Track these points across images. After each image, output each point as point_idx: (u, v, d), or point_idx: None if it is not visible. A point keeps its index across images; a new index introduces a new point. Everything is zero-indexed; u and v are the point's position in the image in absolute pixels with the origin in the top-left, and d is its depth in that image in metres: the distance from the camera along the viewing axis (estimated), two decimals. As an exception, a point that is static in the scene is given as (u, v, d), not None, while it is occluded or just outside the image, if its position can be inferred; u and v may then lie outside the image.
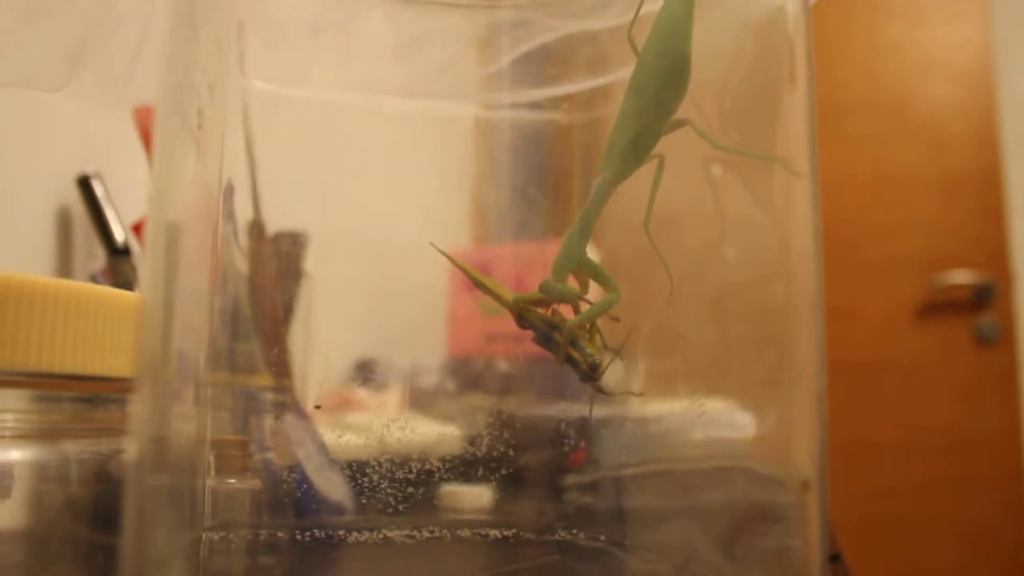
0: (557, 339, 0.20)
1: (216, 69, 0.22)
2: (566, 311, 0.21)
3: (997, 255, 1.31)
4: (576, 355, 0.20)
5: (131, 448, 0.15)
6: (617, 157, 0.20)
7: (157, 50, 0.20)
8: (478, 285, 0.22)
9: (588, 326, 0.21)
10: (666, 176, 0.21)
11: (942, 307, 1.30)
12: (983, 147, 1.32)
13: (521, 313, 0.21)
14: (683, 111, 0.20)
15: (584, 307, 0.21)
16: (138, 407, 0.15)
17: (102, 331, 0.23)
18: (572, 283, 0.21)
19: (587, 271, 0.21)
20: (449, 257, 0.23)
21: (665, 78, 0.20)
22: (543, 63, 0.27)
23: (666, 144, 0.21)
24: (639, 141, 0.20)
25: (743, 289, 0.22)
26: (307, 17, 0.27)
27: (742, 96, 0.21)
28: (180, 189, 0.19)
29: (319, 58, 0.27)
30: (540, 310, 0.21)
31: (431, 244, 0.23)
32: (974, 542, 1.24)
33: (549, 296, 0.20)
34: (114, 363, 0.23)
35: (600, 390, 0.21)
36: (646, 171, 0.21)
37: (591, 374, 0.20)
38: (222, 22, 0.23)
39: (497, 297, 0.21)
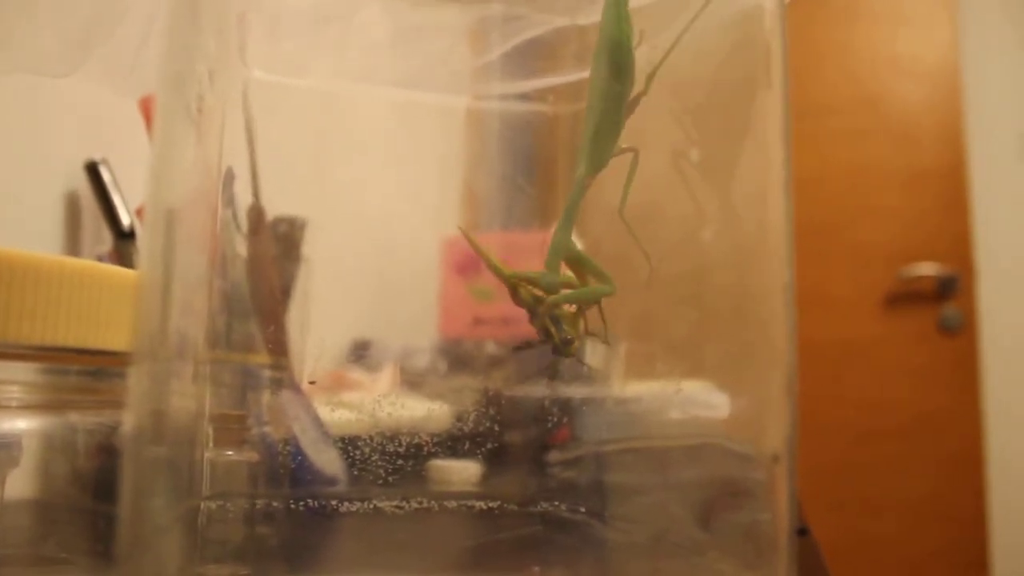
0: (541, 314, 0.20)
1: (217, 56, 0.22)
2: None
3: (960, 248, 1.32)
4: (552, 329, 0.20)
5: (129, 422, 0.15)
6: (587, 150, 0.20)
7: (161, 39, 0.20)
8: (483, 258, 0.22)
9: (574, 308, 0.21)
10: (646, 167, 0.21)
11: (908, 296, 1.31)
12: (949, 144, 1.33)
13: (515, 288, 0.21)
14: (660, 103, 0.20)
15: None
16: (136, 383, 0.15)
17: (107, 306, 0.22)
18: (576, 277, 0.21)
19: (580, 265, 0.21)
20: (465, 233, 0.22)
21: (611, 67, 0.20)
22: (532, 56, 0.26)
23: (645, 136, 0.21)
24: (601, 132, 0.20)
25: (718, 274, 0.21)
26: (307, 9, 0.27)
27: (718, 90, 0.21)
28: (179, 173, 0.18)
29: (318, 49, 0.27)
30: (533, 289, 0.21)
31: (459, 229, 0.22)
32: (929, 517, 1.25)
33: (542, 288, 0.20)
34: (119, 337, 0.23)
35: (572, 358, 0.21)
36: (627, 163, 0.21)
37: (561, 349, 0.20)
38: (223, 9, 0.22)
39: (497, 271, 0.21)
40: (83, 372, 0.24)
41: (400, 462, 0.24)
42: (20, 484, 0.23)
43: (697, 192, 0.22)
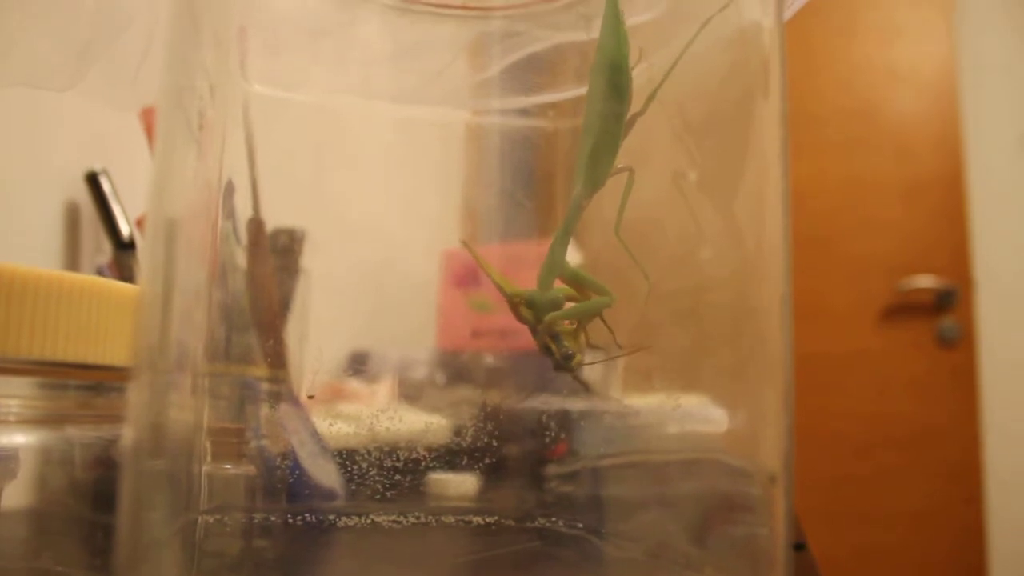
0: (540, 332, 0.21)
1: (217, 71, 0.22)
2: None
3: (959, 260, 1.32)
4: (552, 346, 0.21)
5: (128, 434, 0.15)
6: (583, 169, 0.20)
7: (162, 52, 0.20)
8: (487, 274, 0.22)
9: (575, 323, 0.21)
10: (644, 183, 0.21)
11: (906, 309, 1.31)
12: (947, 155, 1.33)
13: (516, 305, 0.21)
14: (656, 119, 0.20)
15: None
16: (135, 395, 0.15)
17: (106, 322, 0.22)
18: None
19: (578, 282, 0.21)
20: (470, 248, 0.23)
21: (609, 87, 0.20)
22: (531, 72, 0.27)
23: (642, 153, 0.21)
24: (598, 151, 0.20)
25: (716, 289, 0.22)
26: (307, 23, 0.27)
27: (716, 107, 0.21)
28: (180, 186, 0.19)
29: (318, 63, 0.27)
30: None
31: (463, 243, 0.23)
32: (928, 529, 1.25)
33: (535, 309, 0.21)
34: (117, 352, 0.23)
35: (576, 378, 0.21)
36: (626, 179, 0.21)
37: (562, 364, 0.20)
38: (223, 25, 0.23)
39: (501, 288, 0.21)
40: (81, 387, 0.24)
41: (398, 476, 0.24)
42: (17, 497, 0.23)
43: (695, 207, 0.22)
